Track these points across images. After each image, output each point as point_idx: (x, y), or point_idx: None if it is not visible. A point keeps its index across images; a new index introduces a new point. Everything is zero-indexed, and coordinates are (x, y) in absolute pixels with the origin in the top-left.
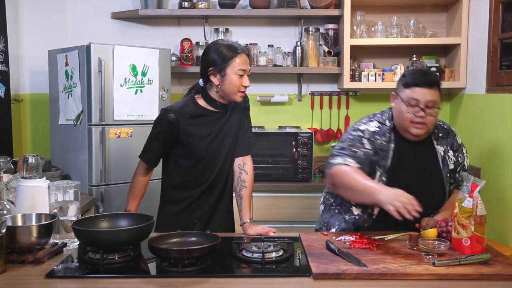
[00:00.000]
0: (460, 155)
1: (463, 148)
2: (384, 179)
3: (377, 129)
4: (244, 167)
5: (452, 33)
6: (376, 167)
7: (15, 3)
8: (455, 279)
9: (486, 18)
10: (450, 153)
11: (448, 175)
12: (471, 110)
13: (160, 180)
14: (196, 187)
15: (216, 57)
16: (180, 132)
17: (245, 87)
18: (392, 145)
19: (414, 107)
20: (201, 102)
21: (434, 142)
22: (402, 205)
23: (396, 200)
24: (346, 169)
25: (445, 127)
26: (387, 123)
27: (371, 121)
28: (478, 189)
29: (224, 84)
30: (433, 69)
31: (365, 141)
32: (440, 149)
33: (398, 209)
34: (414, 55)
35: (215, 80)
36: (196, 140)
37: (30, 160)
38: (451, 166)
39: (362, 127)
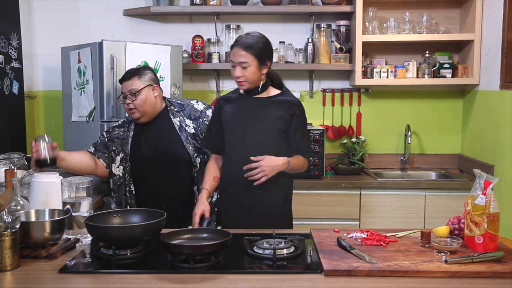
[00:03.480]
0: (204, 120)
1: (206, 111)
2: (127, 160)
3: (120, 123)
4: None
5: (466, 29)
6: (117, 152)
7: (28, 1)
8: (467, 277)
9: (500, 14)
10: (187, 121)
11: (189, 138)
12: (485, 107)
13: None
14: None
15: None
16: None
17: (237, 77)
18: (131, 133)
19: (124, 98)
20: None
21: (171, 116)
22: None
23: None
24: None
25: (179, 104)
26: (129, 118)
27: (120, 120)
28: (491, 186)
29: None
30: (446, 65)
31: (104, 133)
32: (176, 120)
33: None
34: (427, 52)
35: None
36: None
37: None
38: (191, 131)
39: (112, 124)
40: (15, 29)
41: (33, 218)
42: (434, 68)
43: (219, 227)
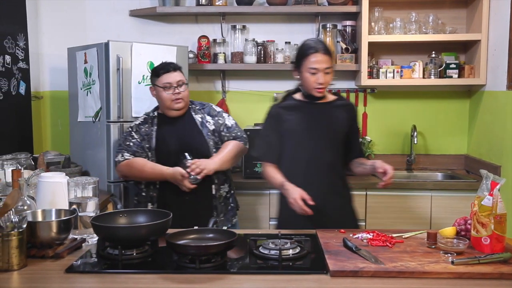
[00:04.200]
0: (219, 119)
1: (223, 113)
2: (153, 155)
3: (142, 120)
4: None
5: (472, 29)
6: (147, 149)
7: (35, 2)
8: (474, 278)
9: (507, 14)
10: (208, 118)
11: (209, 134)
12: (491, 108)
13: None
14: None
15: (295, 54)
16: None
17: (320, 84)
18: (155, 128)
19: (170, 88)
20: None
21: (192, 113)
22: (187, 184)
23: (174, 181)
24: (128, 162)
25: (200, 103)
26: (151, 114)
27: (138, 118)
28: (498, 187)
29: (302, 80)
30: (452, 65)
31: (133, 133)
32: (197, 117)
33: (187, 188)
34: (433, 52)
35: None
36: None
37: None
38: (212, 127)
39: (132, 124)
40: (22, 29)
41: (39, 218)
42: (441, 69)
43: (224, 227)
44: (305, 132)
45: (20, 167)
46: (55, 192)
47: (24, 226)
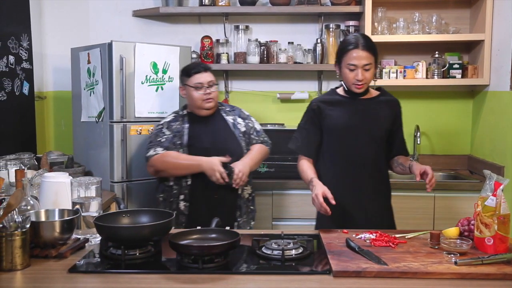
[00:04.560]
0: (249, 122)
1: (251, 117)
2: (185, 152)
3: (172, 117)
4: None
5: (476, 29)
6: (179, 145)
7: (39, 2)
8: (477, 279)
9: (510, 14)
10: (239, 120)
11: (241, 135)
12: (495, 108)
13: None
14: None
15: (337, 49)
16: None
17: (359, 80)
18: (186, 125)
19: (201, 88)
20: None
21: (224, 115)
22: (219, 176)
23: (214, 174)
24: (162, 154)
25: (230, 105)
26: (180, 112)
27: (169, 115)
28: (501, 187)
29: (342, 75)
30: (456, 66)
31: (164, 130)
32: (229, 118)
33: (218, 180)
34: (437, 52)
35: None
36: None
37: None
38: (243, 129)
39: (161, 121)
40: (25, 30)
41: (43, 218)
42: (444, 69)
43: (227, 228)
44: (346, 128)
45: (23, 167)
46: (58, 192)
47: (28, 226)
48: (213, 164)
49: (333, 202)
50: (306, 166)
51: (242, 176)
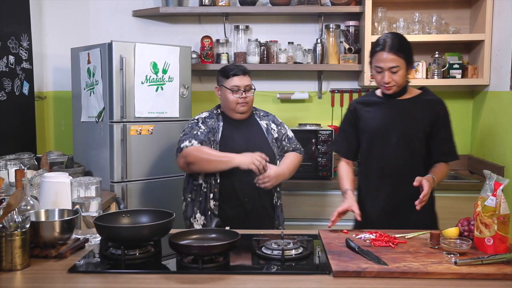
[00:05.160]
0: (282, 129)
1: (284, 124)
2: (217, 149)
3: (207, 115)
4: None
5: (476, 29)
6: (211, 142)
7: (39, 2)
8: (477, 279)
9: (510, 14)
10: (273, 125)
11: (274, 141)
12: (495, 108)
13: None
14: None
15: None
16: None
17: (386, 83)
18: (221, 123)
19: (238, 92)
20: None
21: (257, 119)
22: (259, 163)
23: (252, 160)
24: (197, 147)
25: (264, 111)
26: (214, 111)
27: (202, 113)
28: (501, 187)
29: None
30: (456, 66)
31: (200, 125)
32: (263, 123)
33: (258, 167)
34: (437, 52)
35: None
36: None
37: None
38: (276, 135)
39: (196, 117)
40: (25, 30)
41: (43, 218)
42: (444, 69)
43: (227, 228)
44: (379, 130)
45: (23, 167)
46: (58, 192)
47: (27, 226)
48: (249, 154)
49: (359, 218)
50: (344, 173)
51: (270, 180)
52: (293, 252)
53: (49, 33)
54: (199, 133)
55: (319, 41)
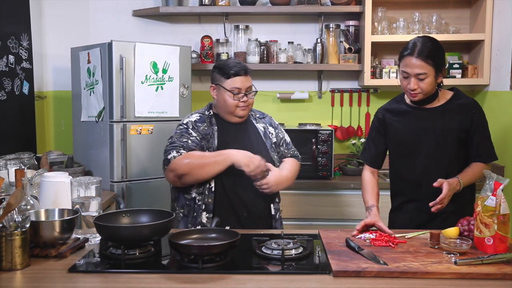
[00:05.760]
0: (279, 132)
1: (281, 127)
2: None
3: (198, 118)
4: None
5: (476, 29)
6: (206, 150)
7: (39, 2)
8: (477, 279)
9: (510, 13)
10: (270, 129)
11: (273, 146)
12: (495, 107)
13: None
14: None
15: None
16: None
17: (411, 90)
18: (215, 127)
19: (238, 94)
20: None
21: (254, 121)
22: (255, 167)
23: (249, 162)
24: (184, 154)
25: (260, 112)
26: (206, 112)
27: (192, 114)
28: (501, 187)
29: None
30: (456, 65)
31: (191, 131)
32: (260, 126)
33: (254, 171)
34: None
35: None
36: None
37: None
38: (274, 140)
39: (185, 121)
40: (25, 29)
41: (42, 218)
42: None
43: (227, 227)
44: (412, 143)
45: (23, 167)
46: (58, 192)
47: (27, 225)
48: (248, 153)
49: (389, 232)
50: (369, 185)
51: (269, 187)
52: (293, 252)
53: (49, 32)
54: (189, 141)
55: (319, 40)
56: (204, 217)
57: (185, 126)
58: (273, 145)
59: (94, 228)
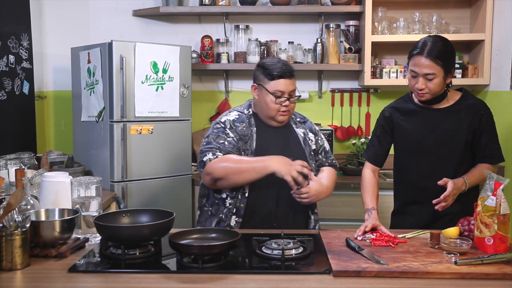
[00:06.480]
0: (319, 139)
1: (321, 133)
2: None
3: (237, 117)
4: None
5: (476, 29)
6: (242, 152)
7: (39, 2)
8: (477, 278)
9: (511, 14)
10: (310, 135)
11: (312, 154)
12: (495, 107)
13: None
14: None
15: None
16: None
17: (419, 89)
18: (254, 129)
19: (281, 97)
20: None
21: (293, 126)
22: (297, 175)
23: (292, 170)
24: (221, 157)
25: (301, 115)
26: (245, 111)
27: (230, 112)
28: (501, 187)
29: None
30: (456, 65)
31: (228, 131)
32: (300, 131)
33: (296, 179)
34: None
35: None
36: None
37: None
38: (313, 147)
39: (222, 119)
40: (25, 29)
41: (43, 218)
42: None
43: (227, 227)
44: (419, 144)
45: (23, 167)
46: (58, 192)
47: (28, 225)
48: (288, 160)
49: (383, 230)
50: (369, 185)
51: (309, 197)
52: (293, 251)
53: (49, 32)
54: (226, 142)
55: (319, 40)
56: (233, 220)
57: (223, 126)
58: (312, 153)
59: (94, 228)
